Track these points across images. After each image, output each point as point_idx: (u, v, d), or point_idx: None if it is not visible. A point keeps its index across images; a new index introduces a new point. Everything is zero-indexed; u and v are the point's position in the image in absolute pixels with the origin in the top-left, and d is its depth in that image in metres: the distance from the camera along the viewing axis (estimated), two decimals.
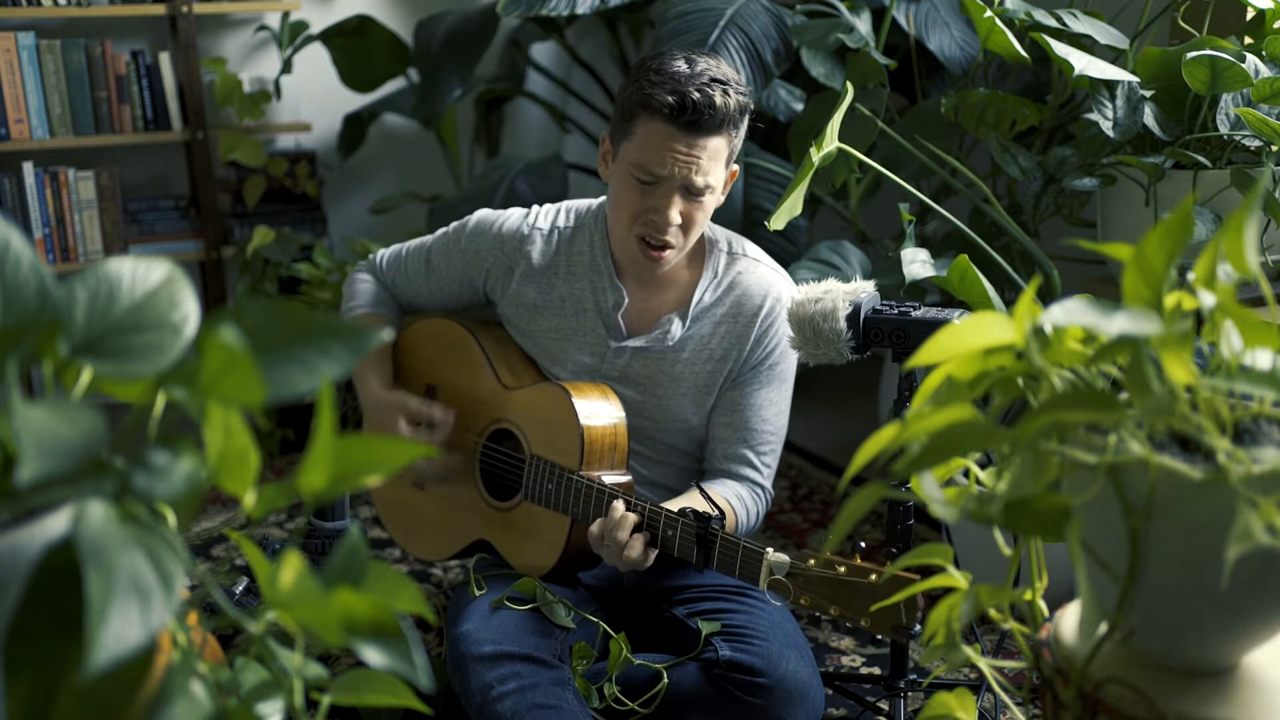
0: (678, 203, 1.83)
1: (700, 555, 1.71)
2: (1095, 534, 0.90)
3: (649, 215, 1.84)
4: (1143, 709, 0.88)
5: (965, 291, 1.90)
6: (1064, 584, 1.29)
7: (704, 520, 1.70)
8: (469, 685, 1.74)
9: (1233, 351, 0.87)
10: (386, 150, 3.86)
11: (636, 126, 1.82)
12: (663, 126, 1.79)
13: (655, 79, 1.79)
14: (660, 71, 1.80)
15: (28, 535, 0.70)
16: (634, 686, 1.83)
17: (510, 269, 2.01)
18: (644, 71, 1.82)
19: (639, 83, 1.82)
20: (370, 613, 0.77)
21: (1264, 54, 2.13)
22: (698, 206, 1.85)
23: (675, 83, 1.78)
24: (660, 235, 1.85)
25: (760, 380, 1.97)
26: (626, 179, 1.85)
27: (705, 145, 1.80)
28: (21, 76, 3.23)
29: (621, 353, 1.96)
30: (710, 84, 1.78)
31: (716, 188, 1.86)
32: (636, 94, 1.81)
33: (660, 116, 1.78)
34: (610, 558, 1.77)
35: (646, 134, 1.81)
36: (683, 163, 1.80)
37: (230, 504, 3.02)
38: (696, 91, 1.77)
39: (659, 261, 1.88)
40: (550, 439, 1.90)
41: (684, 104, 1.77)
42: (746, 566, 1.65)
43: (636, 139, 1.82)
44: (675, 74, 1.79)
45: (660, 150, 1.80)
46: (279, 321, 0.78)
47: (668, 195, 1.82)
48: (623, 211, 1.87)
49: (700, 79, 1.78)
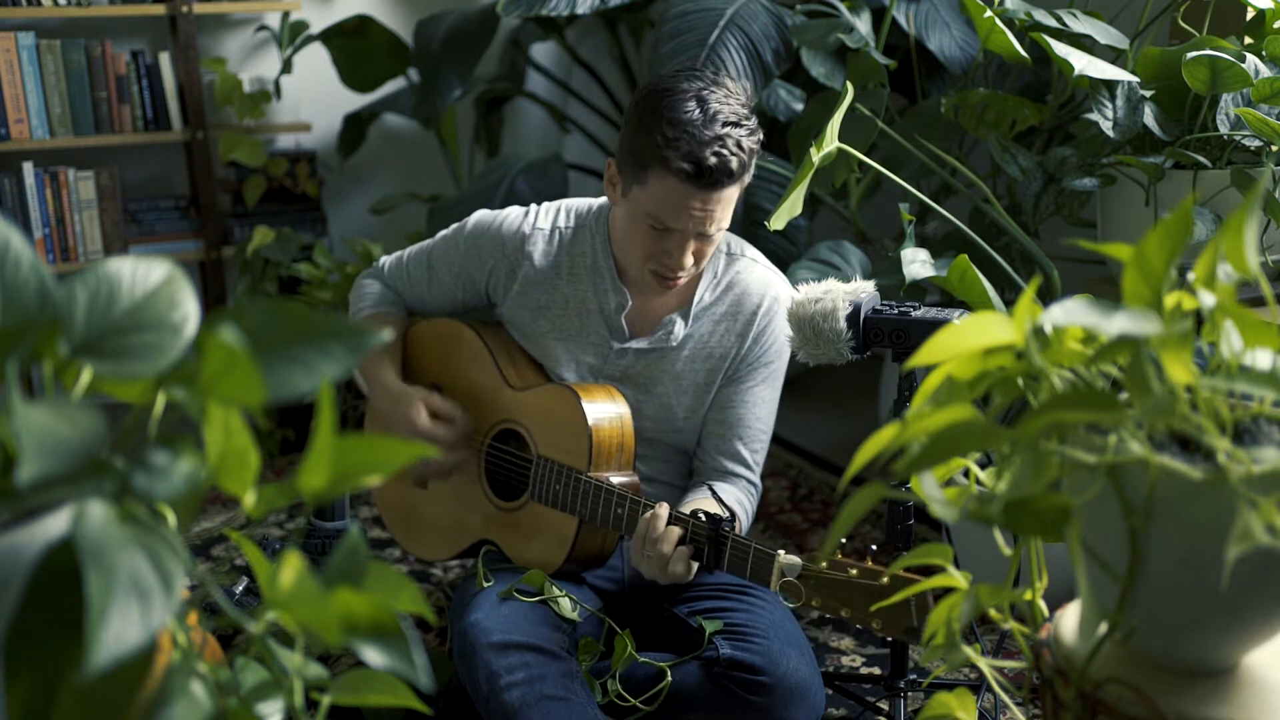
0: (691, 245, 1.84)
1: (711, 557, 1.71)
2: (1095, 534, 0.90)
3: (662, 258, 1.85)
4: (1143, 709, 0.89)
5: (965, 291, 1.90)
6: (1064, 584, 1.29)
7: (715, 523, 1.70)
8: (477, 674, 1.73)
9: (1233, 351, 0.87)
10: (386, 150, 3.86)
11: (650, 179, 1.79)
12: (679, 186, 1.76)
13: (670, 134, 1.74)
14: (674, 123, 1.75)
15: (28, 535, 0.70)
16: (635, 684, 1.83)
17: (513, 270, 2.01)
18: (655, 119, 1.77)
19: (652, 136, 1.76)
20: (370, 613, 0.77)
21: (1264, 54, 2.13)
22: (709, 243, 1.86)
23: (690, 141, 1.74)
24: (674, 273, 1.86)
25: (756, 378, 1.98)
26: (640, 222, 1.83)
27: (721, 197, 1.79)
28: (21, 76, 3.23)
29: (624, 354, 1.97)
30: (725, 137, 1.75)
31: (728, 223, 1.86)
32: (650, 148, 1.77)
33: (676, 178, 1.76)
34: (652, 570, 1.74)
35: (662, 189, 1.78)
36: (699, 217, 1.79)
37: (230, 504, 3.02)
38: (714, 156, 1.74)
39: (673, 288, 1.91)
40: (558, 440, 1.90)
41: (701, 170, 1.74)
42: (758, 568, 1.65)
43: (650, 190, 1.80)
44: (690, 127, 1.74)
45: (675, 207, 1.78)
46: (279, 321, 0.78)
47: (682, 243, 1.83)
48: (635, 250, 1.87)
49: (714, 129, 1.75)
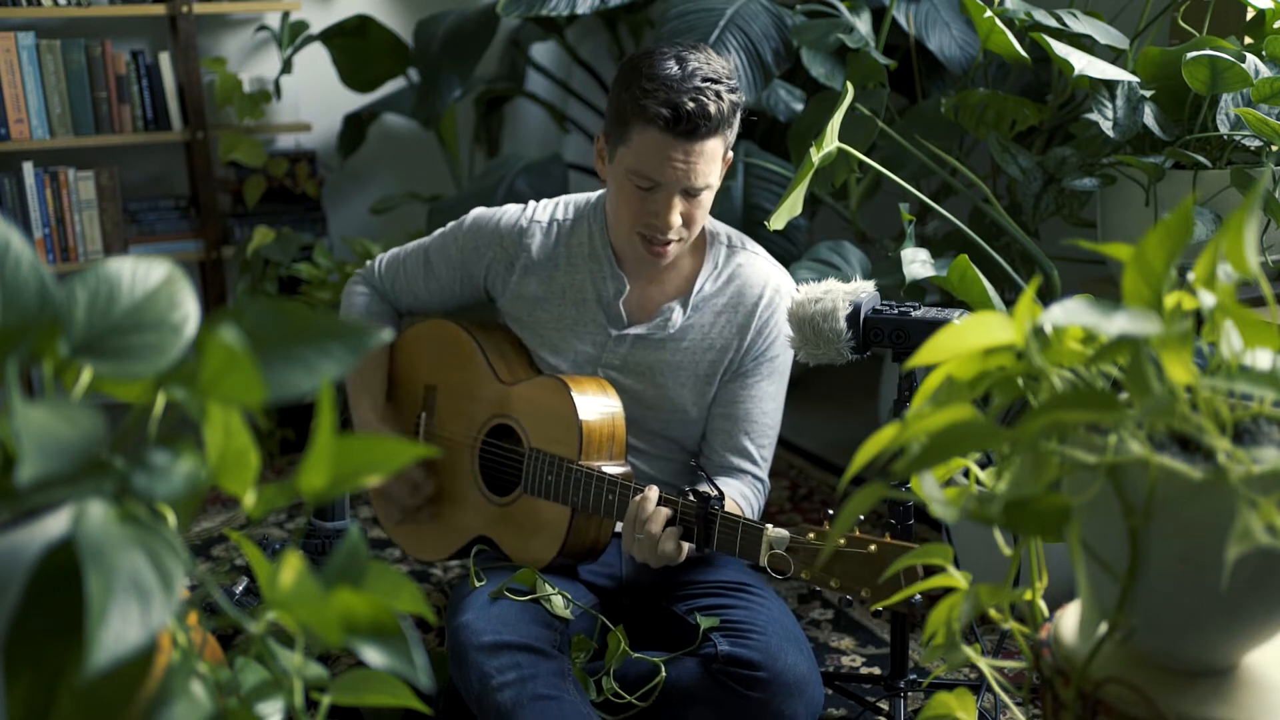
0: (678, 204, 1.84)
1: (701, 535, 1.71)
2: (1095, 534, 0.90)
3: (650, 218, 1.85)
4: (1143, 709, 0.88)
5: (965, 291, 1.90)
6: (1064, 584, 1.29)
7: (704, 500, 1.71)
8: (468, 675, 1.74)
9: (1233, 351, 0.87)
10: (386, 150, 3.86)
11: (632, 134, 1.82)
12: (659, 135, 1.79)
13: (648, 86, 1.78)
14: (652, 78, 1.79)
15: (28, 535, 0.70)
16: (632, 681, 1.83)
17: (511, 264, 2.01)
18: (635, 76, 1.81)
19: (631, 90, 1.81)
20: (370, 613, 0.77)
21: (1264, 54, 2.13)
22: (697, 204, 1.86)
23: (669, 90, 1.77)
24: (663, 235, 1.86)
25: (761, 372, 1.98)
26: (625, 183, 1.85)
27: (702, 150, 1.80)
28: (21, 76, 3.23)
29: (622, 341, 1.97)
30: (703, 88, 1.77)
31: (715, 183, 1.87)
32: (630, 102, 1.80)
33: (656, 126, 1.78)
34: (643, 552, 1.75)
35: (643, 142, 1.80)
36: (681, 169, 1.80)
37: (230, 504, 3.02)
38: (691, 101, 1.76)
39: (663, 256, 1.90)
40: (549, 431, 1.91)
41: (679, 115, 1.76)
42: (747, 543, 1.66)
43: (633, 146, 1.82)
44: (667, 80, 1.78)
45: (658, 159, 1.80)
46: (279, 321, 0.78)
47: (668, 199, 1.83)
48: (623, 214, 1.88)
49: (693, 82, 1.78)
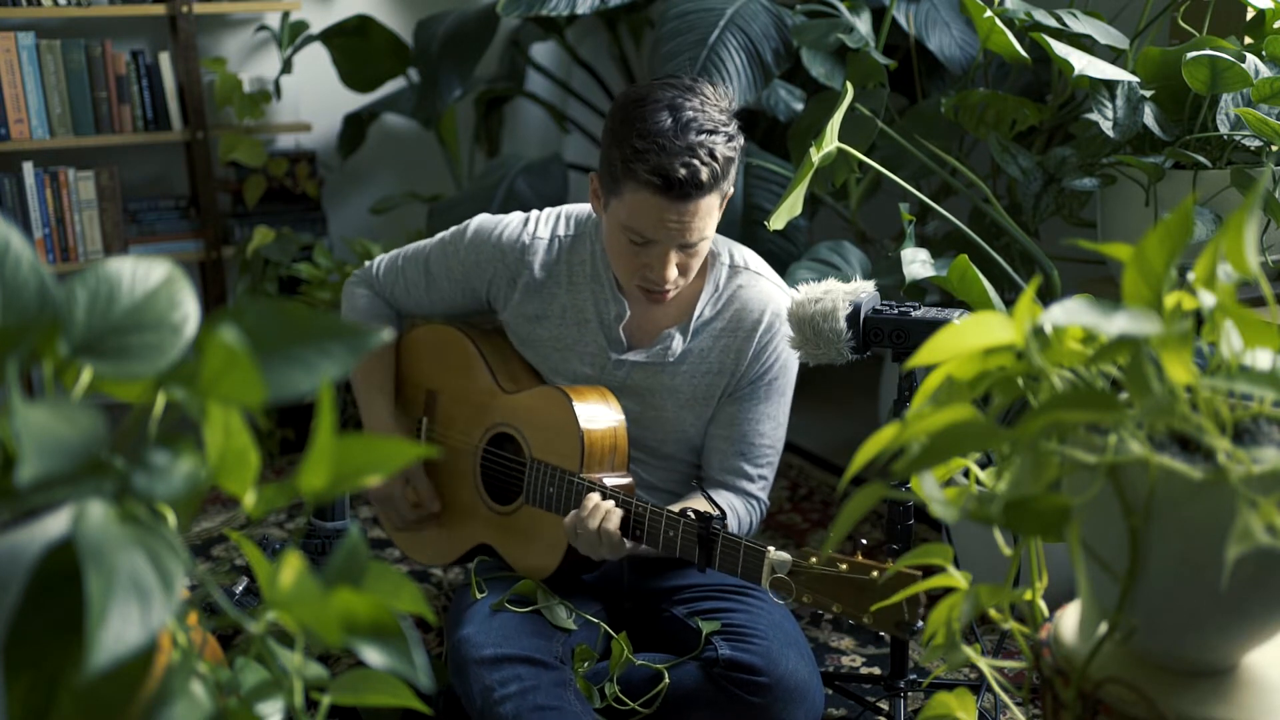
0: (674, 257, 1.80)
1: (702, 555, 1.71)
2: (1095, 534, 0.90)
3: (646, 272, 1.82)
4: (1143, 709, 0.88)
5: (965, 291, 1.90)
6: (1064, 584, 1.29)
7: (705, 520, 1.70)
8: (470, 689, 1.75)
9: (1233, 351, 0.87)
10: (386, 150, 3.86)
11: (624, 191, 1.77)
12: (650, 198, 1.74)
13: (639, 145, 1.71)
14: (644, 135, 1.72)
15: (28, 535, 0.70)
16: (635, 686, 1.83)
17: (513, 280, 1.98)
18: (627, 130, 1.75)
19: (622, 148, 1.74)
20: (370, 613, 0.77)
21: (1264, 54, 2.12)
22: (694, 254, 1.83)
23: (659, 153, 1.70)
24: (660, 287, 1.83)
25: (758, 395, 1.95)
26: (619, 235, 1.81)
27: (696, 209, 1.75)
28: (21, 76, 3.23)
29: (621, 365, 1.95)
30: (696, 147, 1.71)
31: (711, 233, 1.83)
32: (620, 161, 1.75)
33: (647, 190, 1.73)
34: (587, 546, 1.77)
35: (636, 201, 1.75)
36: (675, 228, 1.76)
37: (230, 504, 3.02)
38: (683, 167, 1.70)
39: (662, 302, 1.87)
40: (550, 442, 1.90)
41: (669, 182, 1.71)
42: (749, 566, 1.65)
43: (626, 203, 1.77)
44: (659, 138, 1.71)
45: (651, 220, 1.76)
46: (279, 321, 0.78)
47: (663, 255, 1.79)
48: (620, 264, 1.85)
49: (686, 139, 1.71)
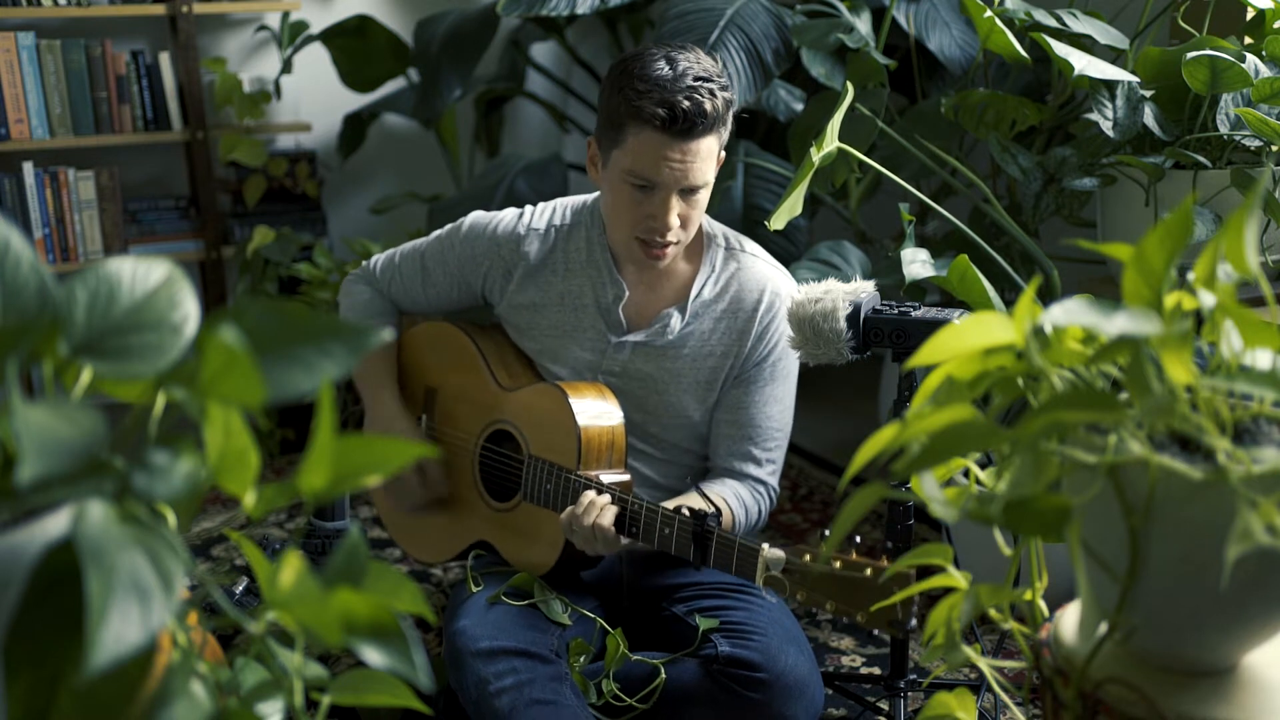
0: (675, 205, 1.83)
1: (697, 553, 1.71)
2: (1095, 534, 0.90)
3: (648, 221, 1.85)
4: (1143, 709, 0.89)
5: (965, 291, 1.90)
6: (1064, 584, 1.29)
7: (700, 518, 1.70)
8: (465, 681, 1.75)
9: (1233, 351, 0.87)
10: (386, 150, 3.86)
11: (627, 136, 1.81)
12: (655, 136, 1.78)
13: (641, 87, 1.78)
14: (644, 78, 1.78)
15: (28, 535, 0.70)
16: (633, 683, 1.83)
17: (509, 272, 2.00)
18: (626, 78, 1.81)
19: (624, 92, 1.80)
20: (370, 613, 0.77)
21: (1264, 54, 2.13)
22: (694, 204, 1.86)
23: (662, 90, 1.77)
24: (662, 238, 1.86)
25: (764, 378, 1.97)
26: (621, 185, 1.84)
27: (698, 149, 1.80)
28: (21, 76, 3.23)
29: (622, 348, 1.96)
30: (696, 86, 1.77)
31: (710, 181, 1.86)
32: (623, 104, 1.80)
33: (651, 127, 1.78)
34: (582, 542, 1.78)
35: (639, 143, 1.80)
36: (678, 168, 1.80)
37: (230, 504, 3.02)
38: (686, 100, 1.76)
39: (662, 259, 1.89)
40: (548, 439, 1.91)
41: (674, 114, 1.76)
42: (743, 563, 1.65)
43: (628, 147, 1.81)
44: (659, 80, 1.78)
45: (654, 159, 1.80)
46: (279, 321, 0.78)
47: (665, 200, 1.83)
48: (621, 217, 1.87)
49: (685, 80, 1.77)
